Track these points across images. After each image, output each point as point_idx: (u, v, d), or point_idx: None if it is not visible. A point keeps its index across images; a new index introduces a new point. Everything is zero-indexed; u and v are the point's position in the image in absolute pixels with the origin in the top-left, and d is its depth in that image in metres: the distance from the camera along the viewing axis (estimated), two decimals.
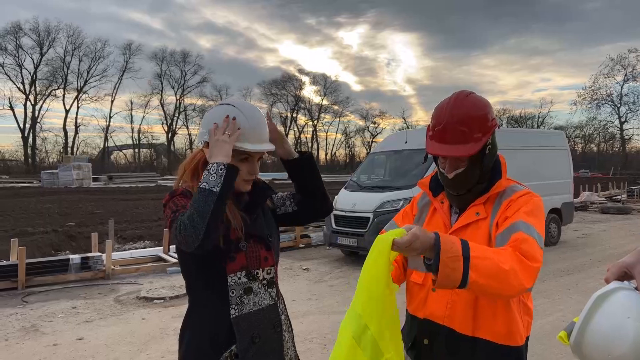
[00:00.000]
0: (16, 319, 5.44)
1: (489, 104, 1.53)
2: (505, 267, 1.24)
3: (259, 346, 1.49)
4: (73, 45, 62.47)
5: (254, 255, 1.51)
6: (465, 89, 1.56)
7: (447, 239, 1.27)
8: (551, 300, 6.05)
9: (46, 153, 64.67)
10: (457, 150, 1.47)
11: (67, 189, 29.47)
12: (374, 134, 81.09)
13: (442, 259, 1.22)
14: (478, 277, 1.23)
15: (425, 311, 1.57)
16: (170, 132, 71.77)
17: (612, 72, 65.45)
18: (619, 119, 68.67)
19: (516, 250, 1.30)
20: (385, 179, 9.47)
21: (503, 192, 1.52)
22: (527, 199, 1.47)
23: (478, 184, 1.53)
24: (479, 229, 1.49)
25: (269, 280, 1.55)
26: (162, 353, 4.45)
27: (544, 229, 1.44)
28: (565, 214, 10.56)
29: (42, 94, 61.20)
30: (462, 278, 1.23)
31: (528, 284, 1.28)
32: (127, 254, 8.77)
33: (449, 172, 1.51)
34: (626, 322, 1.07)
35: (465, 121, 1.46)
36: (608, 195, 22.82)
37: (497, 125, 1.52)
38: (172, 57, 70.65)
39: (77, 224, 12.75)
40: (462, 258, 1.23)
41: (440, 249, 1.23)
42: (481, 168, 1.51)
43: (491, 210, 1.49)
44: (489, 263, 1.24)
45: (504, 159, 1.60)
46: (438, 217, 1.62)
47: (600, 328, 1.10)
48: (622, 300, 1.11)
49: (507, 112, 79.40)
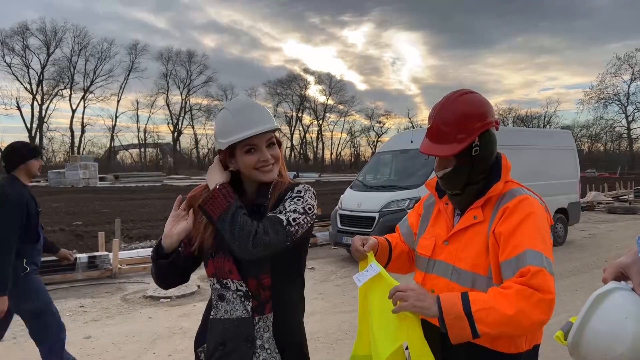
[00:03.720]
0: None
1: (483, 105, 1.51)
2: (509, 313, 1.26)
3: (224, 352, 1.49)
4: (80, 45, 62.92)
5: (220, 266, 1.53)
6: (464, 89, 1.56)
7: (448, 300, 1.32)
8: (558, 301, 5.93)
9: (53, 153, 65.22)
10: (438, 150, 1.49)
11: (74, 189, 29.66)
12: (379, 134, 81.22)
13: (447, 321, 1.30)
14: (487, 329, 1.28)
15: None
16: (176, 131, 72.16)
17: (619, 71, 65.38)
18: (626, 118, 68.45)
19: (525, 286, 1.29)
20: (391, 178, 9.47)
21: (502, 195, 1.49)
22: (527, 210, 1.42)
23: (471, 185, 1.52)
24: (478, 234, 1.48)
25: (244, 293, 1.50)
26: (169, 352, 4.48)
27: (550, 244, 1.40)
28: (571, 214, 10.51)
29: (48, 93, 61.69)
30: (472, 333, 1.29)
31: (542, 317, 1.28)
32: (133, 253, 8.81)
33: (438, 171, 1.55)
34: (624, 322, 1.08)
35: (448, 122, 1.48)
36: (615, 195, 22.69)
37: (489, 127, 1.50)
38: (178, 57, 71.12)
39: (83, 223, 12.84)
40: (465, 316, 1.28)
41: (443, 312, 1.30)
42: (470, 169, 1.50)
43: (490, 215, 1.48)
44: (494, 313, 1.27)
45: (507, 160, 1.57)
46: (441, 219, 1.63)
47: (599, 328, 1.11)
48: (620, 300, 1.12)
49: (513, 112, 79.26)
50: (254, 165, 1.50)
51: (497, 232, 1.42)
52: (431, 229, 1.65)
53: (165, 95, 70.54)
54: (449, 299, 1.32)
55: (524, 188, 1.53)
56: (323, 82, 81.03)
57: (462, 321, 1.28)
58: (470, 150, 1.48)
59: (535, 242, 1.36)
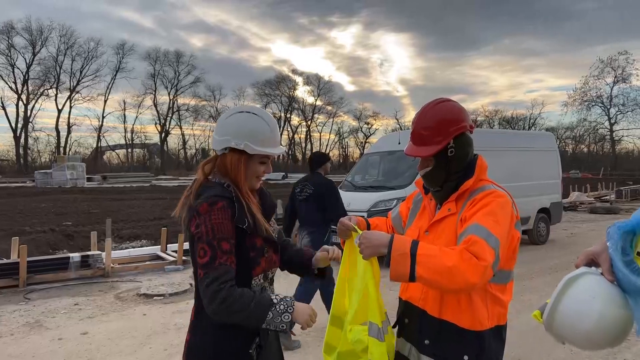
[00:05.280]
0: (20, 315, 5.58)
1: (457, 112, 1.71)
2: (448, 265, 1.42)
3: (271, 336, 1.75)
4: (66, 44, 62.21)
5: (270, 259, 1.70)
6: (442, 97, 1.78)
7: (400, 239, 1.52)
8: (539, 296, 6.26)
9: (38, 153, 64.48)
10: (419, 152, 1.71)
11: (62, 189, 29.41)
12: (367, 135, 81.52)
13: (393, 256, 1.48)
14: (424, 272, 1.44)
15: (407, 294, 1.81)
16: (164, 132, 71.66)
17: (602, 74, 66.28)
18: (609, 120, 69.40)
19: (466, 250, 1.45)
20: (379, 179, 9.69)
21: (474, 190, 1.68)
22: (490, 199, 1.60)
23: (448, 182, 1.72)
24: (451, 223, 1.68)
25: (271, 279, 1.77)
26: (164, 346, 4.62)
27: (504, 227, 1.55)
28: (553, 213, 10.82)
29: (34, 93, 60.95)
30: (409, 273, 1.46)
31: (474, 279, 1.42)
32: (125, 253, 8.92)
33: (420, 170, 1.76)
34: (592, 302, 1.25)
35: (427, 126, 1.69)
36: (597, 196, 23.15)
37: (464, 130, 1.69)
38: (166, 57, 70.58)
39: (73, 224, 12.85)
40: (410, 255, 1.46)
41: (392, 247, 1.49)
42: (447, 168, 1.70)
43: (461, 207, 1.67)
44: (435, 261, 1.44)
45: (484, 161, 1.77)
46: (426, 213, 1.83)
47: (570, 307, 1.29)
48: (589, 283, 1.30)
49: (499, 113, 79.96)
50: (259, 174, 1.68)
51: (462, 217, 1.63)
52: (417, 222, 1.85)
53: (153, 96, 70.10)
54: (401, 239, 1.53)
55: (495, 185, 1.72)
56: (311, 83, 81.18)
57: (405, 259, 1.46)
58: (447, 151, 1.68)
59: (485, 220, 1.53)
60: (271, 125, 1.67)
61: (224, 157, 1.64)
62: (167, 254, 8.72)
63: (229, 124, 1.65)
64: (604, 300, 1.24)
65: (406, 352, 1.76)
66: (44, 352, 4.50)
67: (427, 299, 1.69)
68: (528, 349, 4.46)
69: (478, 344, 1.61)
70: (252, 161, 1.65)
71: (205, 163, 1.71)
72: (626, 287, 1.23)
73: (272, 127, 1.67)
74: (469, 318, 1.61)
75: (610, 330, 1.25)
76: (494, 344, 1.64)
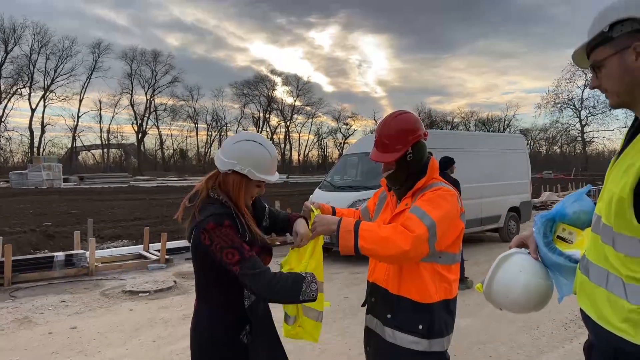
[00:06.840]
0: (8, 312, 5.73)
1: (414, 123, 2.01)
2: (382, 235, 1.76)
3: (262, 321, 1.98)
4: (40, 43, 61.06)
5: (265, 263, 1.92)
6: (401, 110, 2.08)
7: (347, 220, 1.87)
8: None
9: (11, 153, 63.07)
10: (383, 157, 2.01)
11: (38, 190, 29.05)
12: (346, 135, 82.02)
13: (340, 232, 1.83)
14: (364, 244, 1.78)
15: (373, 276, 2.12)
16: (141, 132, 70.89)
17: (573, 77, 68.00)
18: (580, 122, 71.45)
19: (400, 225, 1.79)
20: (357, 179, 10.02)
21: (425, 187, 1.97)
22: (436, 193, 1.90)
23: (407, 182, 2.03)
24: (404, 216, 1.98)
25: None
26: (153, 338, 4.85)
27: (442, 211, 1.83)
28: (523, 212, 11.31)
29: (6, 92, 59.59)
30: (354, 245, 1.79)
31: (404, 246, 1.72)
32: (108, 252, 9.04)
33: (384, 172, 2.07)
34: (519, 274, 1.61)
35: (389, 135, 1.99)
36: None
37: (420, 138, 1.99)
38: (143, 56, 69.87)
39: (53, 224, 12.85)
40: (354, 232, 1.81)
41: (340, 226, 1.84)
42: (407, 170, 2.01)
43: (413, 201, 1.98)
44: (372, 234, 1.78)
45: (435, 161, 2.08)
46: (389, 207, 2.15)
47: (502, 278, 1.64)
48: (518, 260, 1.65)
49: (474, 115, 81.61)
50: (254, 195, 1.96)
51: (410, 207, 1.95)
52: (382, 215, 2.17)
53: (130, 95, 69.30)
54: (347, 220, 1.86)
55: (444, 182, 2.03)
56: (290, 84, 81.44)
57: (350, 234, 1.80)
58: (406, 157, 1.99)
59: (424, 205, 1.84)
60: (272, 156, 1.92)
61: (227, 176, 1.88)
62: (149, 253, 8.90)
63: (237, 149, 1.86)
64: (529, 273, 1.58)
65: (373, 326, 2.07)
66: (36, 346, 4.68)
67: (388, 279, 2.00)
68: (492, 334, 4.83)
69: (429, 314, 1.91)
70: (251, 184, 1.90)
71: (209, 178, 1.95)
72: (547, 263, 1.58)
73: (273, 157, 1.93)
74: (420, 293, 1.91)
75: (533, 296, 1.59)
76: (443, 314, 1.95)
